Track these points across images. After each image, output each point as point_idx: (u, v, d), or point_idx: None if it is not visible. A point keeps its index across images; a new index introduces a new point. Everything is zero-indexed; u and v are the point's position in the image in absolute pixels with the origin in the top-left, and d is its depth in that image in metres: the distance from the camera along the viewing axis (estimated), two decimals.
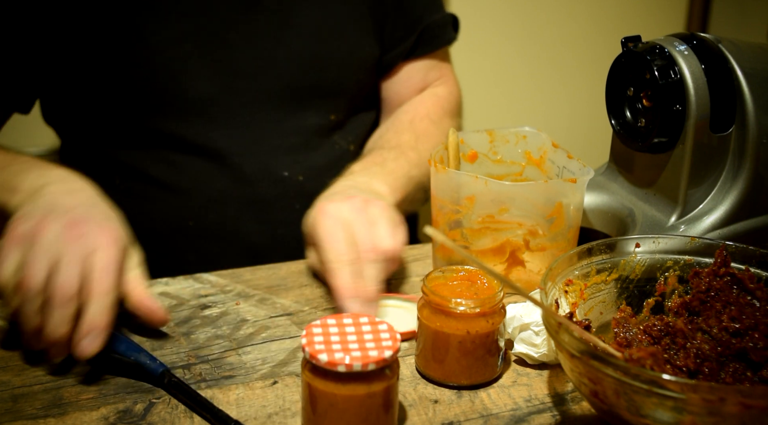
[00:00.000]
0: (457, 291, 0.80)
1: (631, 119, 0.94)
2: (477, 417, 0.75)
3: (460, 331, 0.77)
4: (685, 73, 0.87)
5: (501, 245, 0.93)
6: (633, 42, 0.92)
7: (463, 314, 0.77)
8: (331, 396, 0.68)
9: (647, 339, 0.78)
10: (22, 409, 0.75)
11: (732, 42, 0.90)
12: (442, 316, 0.77)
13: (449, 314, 0.77)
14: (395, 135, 1.14)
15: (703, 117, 0.87)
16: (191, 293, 0.95)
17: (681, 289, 0.82)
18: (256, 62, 1.12)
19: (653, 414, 0.64)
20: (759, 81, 0.88)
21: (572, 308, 0.79)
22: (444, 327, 0.77)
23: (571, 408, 0.77)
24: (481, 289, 0.80)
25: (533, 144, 1.02)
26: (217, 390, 0.78)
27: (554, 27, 1.83)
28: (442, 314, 0.77)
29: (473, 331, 0.77)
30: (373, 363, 0.67)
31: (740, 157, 0.89)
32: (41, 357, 0.82)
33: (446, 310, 0.77)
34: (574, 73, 1.87)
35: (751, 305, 0.77)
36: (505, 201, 0.91)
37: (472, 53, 1.72)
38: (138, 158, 1.13)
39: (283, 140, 1.16)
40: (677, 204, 0.91)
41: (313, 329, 0.71)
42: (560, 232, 0.92)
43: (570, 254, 0.80)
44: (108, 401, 0.77)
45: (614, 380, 0.64)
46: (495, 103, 1.85)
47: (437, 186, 0.94)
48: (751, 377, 0.73)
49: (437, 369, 0.79)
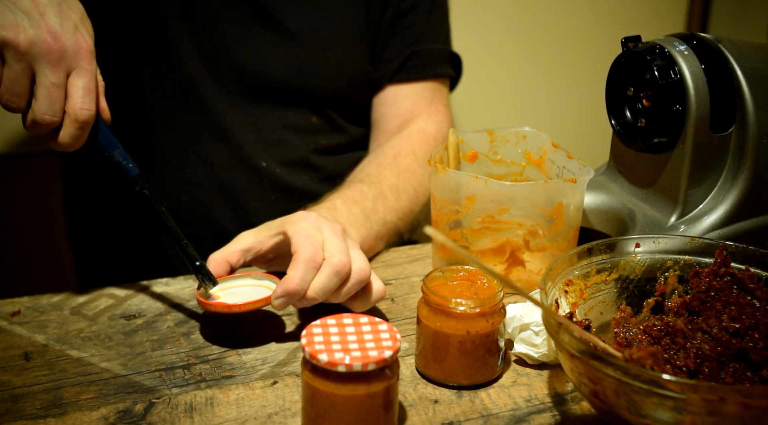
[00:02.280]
0: (457, 291, 0.80)
1: (631, 119, 0.94)
2: (477, 417, 0.75)
3: (460, 331, 0.77)
4: (685, 73, 0.87)
5: (501, 245, 0.93)
6: (633, 42, 0.92)
7: (463, 314, 0.77)
8: (331, 396, 0.68)
9: (647, 339, 0.78)
10: (22, 409, 0.75)
11: (732, 42, 0.90)
12: (442, 316, 0.77)
13: (449, 314, 0.77)
14: (377, 169, 1.11)
15: (703, 117, 0.87)
16: (191, 293, 0.95)
17: (681, 289, 0.82)
18: (243, 57, 1.14)
19: (653, 414, 0.64)
20: (759, 81, 0.88)
21: (572, 308, 0.79)
22: (444, 327, 0.77)
23: (571, 408, 0.77)
24: (481, 289, 0.80)
25: (533, 144, 1.02)
26: (217, 390, 0.78)
27: (554, 27, 1.83)
28: (442, 314, 0.78)
29: (473, 331, 0.77)
30: (373, 363, 0.67)
31: (740, 157, 0.89)
32: (41, 357, 0.82)
33: (446, 310, 0.77)
34: (574, 73, 1.87)
35: (751, 305, 0.77)
36: (505, 201, 0.91)
37: (472, 53, 1.72)
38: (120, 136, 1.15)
39: (261, 134, 1.17)
40: (677, 204, 0.91)
41: (313, 329, 0.71)
42: (560, 232, 0.92)
43: (570, 254, 0.80)
44: (108, 401, 0.77)
45: (614, 380, 0.64)
46: (495, 103, 1.85)
47: (437, 186, 0.94)
48: (751, 377, 0.73)
49: (437, 369, 0.79)
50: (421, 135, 1.20)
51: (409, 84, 1.24)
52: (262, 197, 1.18)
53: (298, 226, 0.85)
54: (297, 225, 0.86)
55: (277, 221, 0.90)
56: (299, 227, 0.85)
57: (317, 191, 1.19)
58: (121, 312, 0.91)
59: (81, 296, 0.94)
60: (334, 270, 0.82)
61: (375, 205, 1.03)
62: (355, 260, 0.84)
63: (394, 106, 1.24)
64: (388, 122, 1.24)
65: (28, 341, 0.86)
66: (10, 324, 0.88)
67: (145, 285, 0.97)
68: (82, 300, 0.93)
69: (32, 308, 0.91)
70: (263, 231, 0.90)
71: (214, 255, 0.88)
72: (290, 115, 1.18)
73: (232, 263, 0.88)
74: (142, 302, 0.93)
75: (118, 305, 0.93)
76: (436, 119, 1.24)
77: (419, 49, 1.23)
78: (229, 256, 0.88)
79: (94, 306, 0.92)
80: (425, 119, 1.23)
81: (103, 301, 0.93)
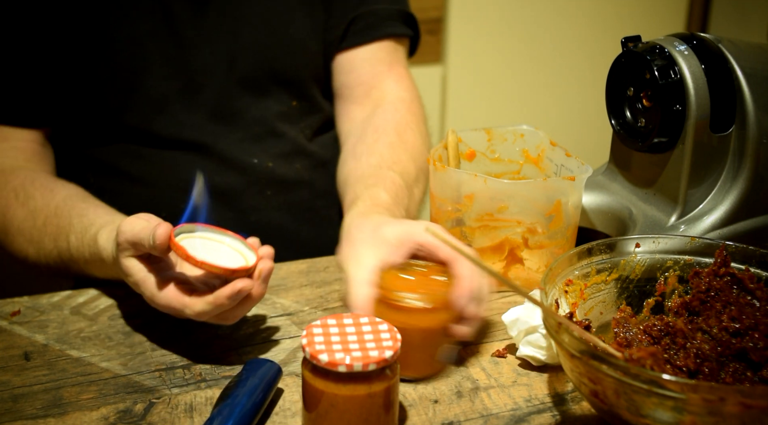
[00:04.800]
0: (409, 286, 0.80)
1: (631, 119, 0.94)
2: (477, 417, 0.75)
3: (407, 325, 0.77)
4: (685, 73, 0.87)
5: (500, 243, 0.93)
6: (633, 42, 0.92)
7: (410, 308, 0.77)
8: (332, 396, 0.68)
9: (647, 339, 0.78)
10: (22, 409, 0.75)
11: (732, 42, 0.90)
12: (393, 310, 0.78)
13: (398, 309, 0.78)
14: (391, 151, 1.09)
15: (703, 117, 0.87)
16: None
17: (681, 289, 0.82)
18: (213, 57, 1.12)
19: (653, 414, 0.64)
20: (759, 81, 0.88)
21: (572, 308, 0.79)
22: (395, 322, 0.77)
23: (571, 408, 0.77)
24: (432, 284, 0.80)
25: (531, 142, 1.03)
26: (217, 390, 0.78)
27: (554, 27, 1.83)
28: (392, 308, 0.78)
29: (423, 325, 0.78)
30: (373, 363, 0.67)
31: (740, 157, 0.89)
32: (41, 357, 0.82)
33: (394, 304, 0.78)
34: (574, 73, 1.87)
35: (751, 305, 0.77)
36: (504, 199, 0.91)
37: (472, 52, 1.72)
38: (109, 154, 1.14)
39: (247, 130, 1.16)
40: (677, 204, 0.91)
41: (314, 329, 0.71)
42: (559, 230, 0.93)
43: (570, 254, 0.80)
44: (108, 401, 0.77)
45: (614, 380, 0.64)
46: (495, 103, 1.85)
47: (437, 185, 0.94)
48: (751, 377, 0.73)
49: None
50: (404, 105, 1.17)
51: (359, 48, 1.20)
52: (259, 193, 1.17)
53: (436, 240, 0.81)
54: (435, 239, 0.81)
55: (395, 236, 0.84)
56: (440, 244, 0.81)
57: (310, 179, 1.19)
58: (121, 312, 0.91)
59: (81, 296, 0.94)
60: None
61: (409, 202, 1.03)
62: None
63: (352, 74, 1.21)
64: (351, 91, 1.21)
65: (28, 341, 0.86)
66: (10, 324, 0.88)
67: None
68: (82, 300, 0.93)
69: (32, 308, 0.91)
70: (383, 249, 0.83)
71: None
72: (271, 104, 1.16)
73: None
74: (142, 303, 0.93)
75: (118, 305, 0.93)
76: (404, 83, 1.21)
77: (362, 12, 1.19)
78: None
79: (94, 306, 0.92)
80: (392, 84, 1.20)
81: (103, 301, 0.93)
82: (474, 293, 0.79)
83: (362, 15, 1.19)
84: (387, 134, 1.11)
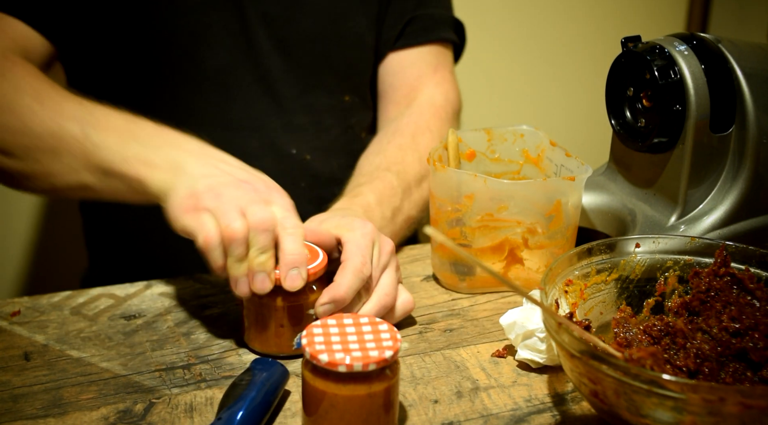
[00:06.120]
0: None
1: (631, 119, 0.94)
2: (477, 417, 0.75)
3: (277, 302, 0.80)
4: (685, 74, 0.87)
5: (500, 243, 0.93)
6: (633, 42, 0.92)
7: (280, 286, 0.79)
8: (332, 396, 0.68)
9: (647, 339, 0.78)
10: (22, 409, 0.75)
11: (732, 42, 0.90)
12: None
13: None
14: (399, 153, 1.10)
15: (703, 117, 0.87)
16: (191, 293, 0.95)
17: (681, 289, 0.82)
18: (269, 41, 1.13)
19: (653, 414, 0.64)
20: (759, 81, 0.88)
21: (572, 308, 0.79)
22: (264, 299, 0.80)
23: (571, 408, 0.77)
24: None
25: (531, 142, 1.03)
26: (217, 390, 0.78)
27: (554, 27, 1.83)
28: None
29: (291, 303, 0.80)
30: (373, 363, 0.67)
31: (740, 157, 0.89)
32: (41, 357, 0.82)
33: None
34: (573, 73, 1.87)
35: (751, 305, 0.77)
36: (504, 199, 0.91)
37: (472, 52, 1.72)
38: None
39: (293, 118, 1.16)
40: (677, 204, 0.91)
41: (314, 329, 0.71)
42: (559, 230, 0.93)
43: (570, 255, 0.80)
44: (108, 401, 0.77)
45: (614, 380, 0.64)
46: (495, 103, 1.85)
47: (437, 185, 0.94)
48: (751, 377, 0.73)
49: (258, 339, 0.83)
50: (433, 109, 1.19)
51: (411, 49, 1.22)
52: (293, 184, 1.16)
53: (353, 234, 0.84)
54: (352, 233, 0.84)
55: (332, 221, 0.88)
56: (354, 236, 0.84)
57: (343, 177, 1.17)
58: (121, 312, 0.91)
59: (81, 296, 0.94)
60: (381, 304, 0.83)
61: (402, 203, 1.04)
62: (401, 293, 0.86)
63: (399, 74, 1.23)
64: (395, 92, 1.23)
65: (28, 341, 0.86)
66: (10, 324, 0.88)
67: (145, 285, 0.97)
68: (82, 300, 0.93)
69: (32, 309, 0.91)
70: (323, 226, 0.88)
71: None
72: (321, 95, 1.17)
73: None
74: (142, 303, 0.93)
75: (118, 305, 0.93)
76: (443, 87, 1.22)
77: (419, 14, 1.22)
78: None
79: (94, 306, 0.92)
80: (432, 88, 1.22)
81: (103, 301, 0.93)
82: (357, 274, 0.81)
83: (419, 17, 1.22)
84: (402, 136, 1.13)
